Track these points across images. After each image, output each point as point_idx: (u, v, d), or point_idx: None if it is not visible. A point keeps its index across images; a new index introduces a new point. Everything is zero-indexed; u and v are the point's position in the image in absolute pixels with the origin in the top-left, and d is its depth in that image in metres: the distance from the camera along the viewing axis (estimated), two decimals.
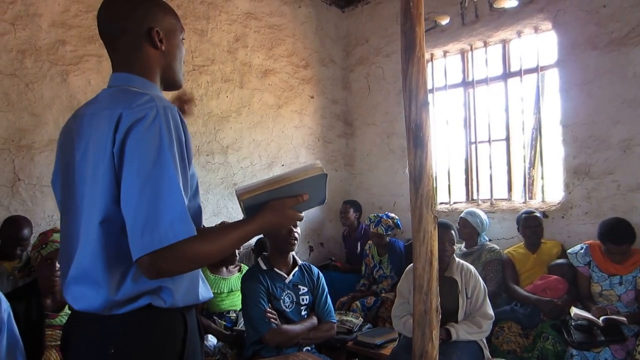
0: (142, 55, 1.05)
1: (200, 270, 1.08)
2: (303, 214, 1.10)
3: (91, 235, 0.93)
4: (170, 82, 1.14)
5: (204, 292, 1.09)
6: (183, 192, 0.90)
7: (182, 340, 1.02)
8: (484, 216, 3.39)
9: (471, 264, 2.77)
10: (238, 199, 1.01)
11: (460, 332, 2.32)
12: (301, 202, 1.04)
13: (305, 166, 1.01)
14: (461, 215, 3.40)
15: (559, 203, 3.47)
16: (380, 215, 3.71)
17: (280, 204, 1.01)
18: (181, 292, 0.99)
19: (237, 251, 2.89)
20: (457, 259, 2.53)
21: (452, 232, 2.54)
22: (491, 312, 2.42)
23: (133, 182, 0.88)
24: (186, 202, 0.91)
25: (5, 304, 1.76)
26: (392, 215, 3.75)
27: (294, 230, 2.32)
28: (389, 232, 3.66)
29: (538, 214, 3.20)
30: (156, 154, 0.88)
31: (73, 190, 0.99)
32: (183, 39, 1.15)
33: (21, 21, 2.81)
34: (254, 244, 3.62)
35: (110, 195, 0.91)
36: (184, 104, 1.41)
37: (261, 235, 3.10)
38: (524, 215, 3.20)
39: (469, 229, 3.31)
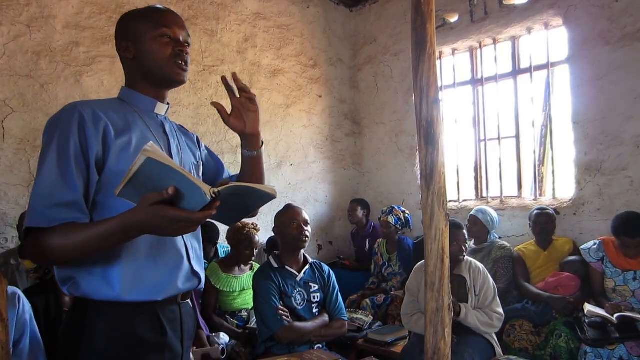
0: (125, 69, 1.18)
1: (141, 267, 1.04)
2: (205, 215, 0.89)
3: None
4: (163, 82, 1.15)
5: (144, 292, 1.04)
6: (56, 187, 0.96)
7: (103, 337, 1.01)
8: (494, 214, 3.38)
9: (481, 261, 2.77)
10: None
11: (470, 314, 2.31)
12: (168, 197, 0.85)
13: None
14: (471, 213, 3.39)
15: (570, 200, 3.45)
16: (394, 206, 3.82)
17: (144, 199, 0.87)
18: (89, 285, 1.01)
19: (254, 250, 2.90)
20: (465, 257, 2.53)
21: (464, 231, 2.53)
22: (501, 310, 2.41)
23: None
24: (70, 194, 0.97)
25: (28, 305, 1.77)
26: (404, 209, 3.82)
27: (304, 228, 2.34)
28: (398, 225, 3.68)
29: (550, 211, 3.18)
30: (42, 152, 1.00)
31: None
32: (163, 35, 1.11)
33: (36, 23, 2.86)
34: (265, 243, 3.64)
35: None
36: None
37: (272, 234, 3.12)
38: (535, 211, 3.19)
39: (479, 227, 3.30)
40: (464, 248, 2.46)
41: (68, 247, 0.94)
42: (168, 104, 1.22)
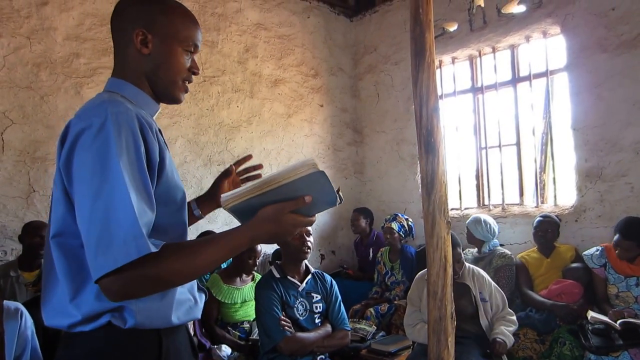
0: (125, 56, 1.00)
1: (179, 291, 0.96)
2: (316, 217, 0.97)
3: (48, 250, 0.91)
4: (162, 94, 1.03)
5: (185, 314, 0.98)
6: (141, 204, 0.81)
7: None
8: (491, 224, 3.31)
9: (482, 269, 2.75)
10: (224, 208, 0.90)
11: (508, 339, 2.31)
12: (304, 205, 0.88)
13: (296, 164, 0.84)
14: (467, 223, 3.37)
15: (571, 207, 3.44)
16: (397, 213, 3.86)
17: (276, 208, 0.87)
18: (146, 314, 0.89)
19: (257, 260, 2.88)
20: (466, 264, 2.51)
21: (459, 250, 2.48)
22: (513, 313, 2.46)
23: (84, 199, 0.81)
24: (151, 214, 0.84)
25: (30, 321, 1.75)
26: (407, 217, 3.85)
27: (307, 238, 2.32)
28: (401, 232, 3.68)
29: (553, 218, 3.17)
30: (105, 166, 0.80)
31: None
32: (188, 53, 1.02)
33: (36, 35, 2.88)
34: (271, 254, 3.63)
35: (62, 209, 0.87)
36: None
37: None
38: (538, 218, 3.19)
39: (476, 239, 3.30)
40: (456, 268, 2.42)
41: (194, 267, 0.84)
42: None
